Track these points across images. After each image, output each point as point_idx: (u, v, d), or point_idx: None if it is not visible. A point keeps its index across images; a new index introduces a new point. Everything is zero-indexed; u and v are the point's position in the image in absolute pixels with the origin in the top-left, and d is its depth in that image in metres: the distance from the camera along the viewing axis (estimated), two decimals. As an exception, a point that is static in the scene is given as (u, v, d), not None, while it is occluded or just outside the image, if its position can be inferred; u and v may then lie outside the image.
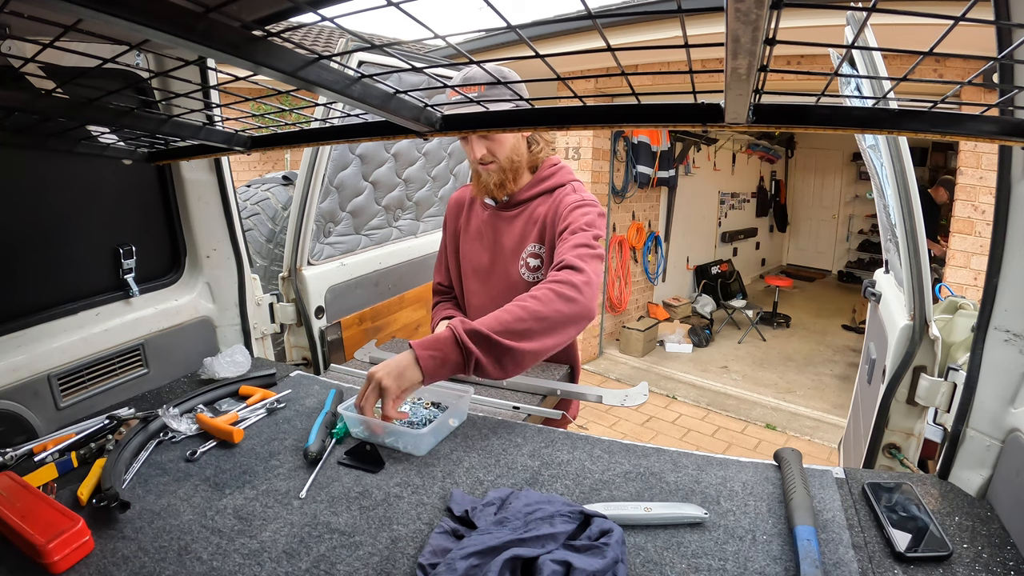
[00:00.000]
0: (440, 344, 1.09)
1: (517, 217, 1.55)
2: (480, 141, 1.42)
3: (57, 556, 0.76)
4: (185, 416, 1.17)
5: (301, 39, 5.45)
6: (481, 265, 1.60)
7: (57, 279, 1.28)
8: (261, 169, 7.03)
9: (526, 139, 1.49)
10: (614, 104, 0.70)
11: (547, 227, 1.48)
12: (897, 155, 1.25)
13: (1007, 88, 0.77)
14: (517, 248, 1.54)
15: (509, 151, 1.45)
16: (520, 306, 1.18)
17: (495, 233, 1.57)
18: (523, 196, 1.53)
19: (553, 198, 1.49)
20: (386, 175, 2.16)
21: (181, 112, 0.99)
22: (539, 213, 1.50)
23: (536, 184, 1.53)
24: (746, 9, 0.39)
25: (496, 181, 1.48)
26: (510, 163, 1.47)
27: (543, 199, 1.51)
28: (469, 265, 1.64)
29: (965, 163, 3.45)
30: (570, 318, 1.20)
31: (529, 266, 1.52)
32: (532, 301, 1.19)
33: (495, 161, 1.45)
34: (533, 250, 1.52)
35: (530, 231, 1.52)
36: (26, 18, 0.60)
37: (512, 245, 1.54)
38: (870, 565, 0.76)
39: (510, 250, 1.55)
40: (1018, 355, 0.87)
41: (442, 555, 0.74)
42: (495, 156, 1.44)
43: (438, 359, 1.08)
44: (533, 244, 1.52)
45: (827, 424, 4.14)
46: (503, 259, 1.56)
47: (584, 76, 1.33)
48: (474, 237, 1.62)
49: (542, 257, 1.52)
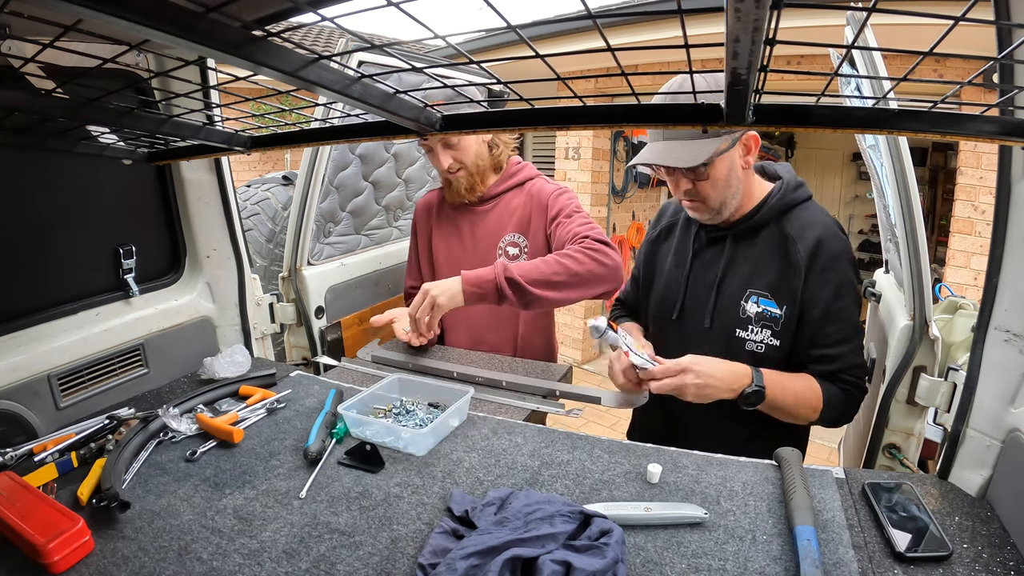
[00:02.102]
0: (483, 283, 1.37)
1: (491, 211, 1.67)
2: (445, 152, 1.57)
3: (57, 556, 0.76)
4: (185, 416, 1.17)
5: (301, 39, 5.45)
6: (456, 257, 1.70)
7: (57, 279, 1.28)
8: (261, 169, 7.04)
9: (487, 143, 1.62)
10: (614, 104, 0.70)
11: (529, 216, 1.62)
12: (897, 155, 1.25)
13: (1007, 88, 0.77)
14: (494, 238, 1.65)
15: (474, 156, 1.59)
16: (558, 261, 1.39)
17: (471, 227, 1.69)
18: (495, 191, 1.66)
19: (525, 190, 1.64)
20: (386, 175, 2.16)
21: (181, 112, 0.99)
22: (514, 205, 1.64)
23: (506, 180, 1.67)
24: (746, 9, 0.39)
25: (467, 185, 1.62)
26: (476, 167, 1.61)
27: (515, 192, 1.66)
28: (443, 259, 1.73)
29: (965, 163, 3.45)
30: (602, 277, 1.42)
31: (508, 254, 1.63)
32: (569, 259, 1.39)
33: (463, 168, 1.59)
34: (512, 239, 1.64)
35: (507, 222, 1.65)
36: (26, 18, 0.60)
37: (488, 236, 1.66)
38: (870, 565, 0.76)
39: (487, 241, 1.66)
40: (1018, 355, 0.87)
41: (442, 555, 0.74)
42: (462, 163, 1.58)
43: (478, 294, 1.38)
44: (512, 234, 1.64)
45: (827, 424, 4.13)
46: (480, 249, 1.67)
47: (584, 76, 1.33)
48: (448, 233, 1.73)
49: (521, 245, 1.63)
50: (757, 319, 1.20)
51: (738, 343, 1.22)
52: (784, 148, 9.08)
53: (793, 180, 1.25)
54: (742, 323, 1.21)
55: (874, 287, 1.76)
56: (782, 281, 1.17)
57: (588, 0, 0.45)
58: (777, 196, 1.21)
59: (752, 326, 1.21)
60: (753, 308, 1.20)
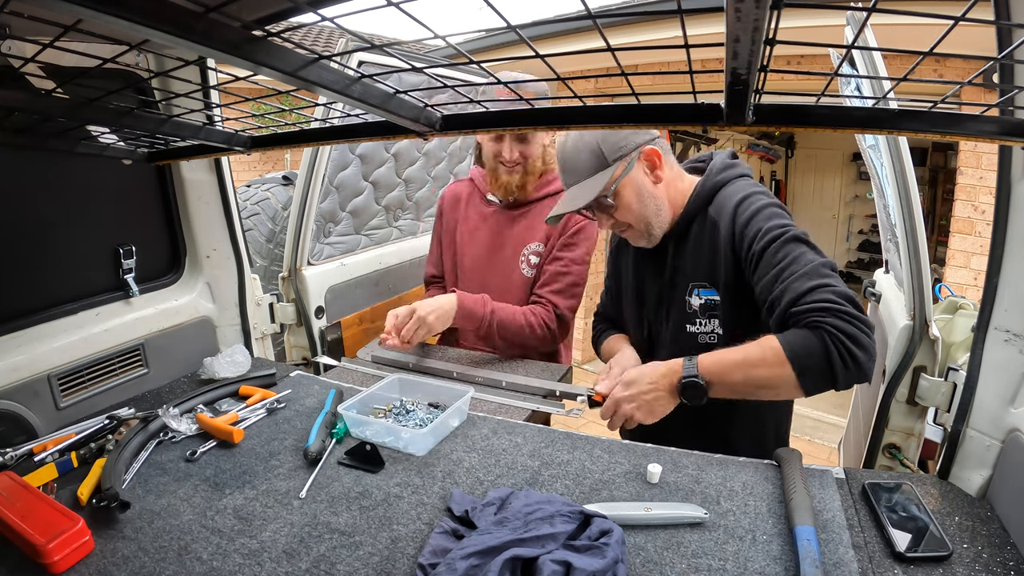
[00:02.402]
0: (473, 319, 1.51)
1: (523, 216, 1.64)
2: (515, 144, 1.54)
3: (57, 556, 0.76)
4: (185, 416, 1.17)
5: (301, 39, 5.45)
6: (480, 258, 1.68)
7: (57, 279, 1.28)
8: (261, 169, 7.03)
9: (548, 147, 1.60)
10: (614, 104, 0.70)
11: (551, 233, 1.60)
12: (897, 155, 1.25)
13: (1007, 88, 0.77)
14: (520, 245, 1.63)
15: (538, 156, 1.57)
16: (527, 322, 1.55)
17: (499, 229, 1.66)
18: (531, 197, 1.63)
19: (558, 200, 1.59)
20: (386, 175, 2.16)
21: (181, 112, 0.99)
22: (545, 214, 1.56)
23: (544, 187, 1.64)
24: (746, 9, 0.39)
25: (519, 183, 1.59)
26: (535, 168, 1.58)
27: (550, 201, 1.61)
28: (467, 258, 1.71)
29: (965, 163, 3.45)
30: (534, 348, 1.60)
31: (530, 263, 1.62)
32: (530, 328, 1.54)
33: (522, 164, 1.55)
34: (535, 248, 1.62)
35: (535, 232, 1.62)
36: (26, 18, 0.60)
37: (515, 242, 1.63)
38: (870, 565, 0.76)
39: (512, 247, 1.63)
40: (1018, 355, 0.87)
41: (442, 555, 0.74)
42: (526, 159, 1.55)
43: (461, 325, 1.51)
44: (537, 243, 1.62)
45: (827, 424, 4.14)
46: (504, 255, 1.64)
47: (584, 76, 1.33)
48: (473, 231, 1.70)
49: (541, 254, 1.62)
50: (703, 310, 1.20)
51: (689, 338, 1.22)
52: (784, 148, 9.07)
53: (720, 164, 1.24)
54: (689, 318, 1.22)
55: (874, 287, 1.76)
56: (713, 266, 1.17)
57: (588, 0, 0.45)
58: (699, 185, 1.22)
59: (699, 318, 1.21)
60: (697, 301, 1.20)
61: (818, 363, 0.94)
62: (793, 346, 0.95)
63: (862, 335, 0.93)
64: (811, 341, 0.94)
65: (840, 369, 0.93)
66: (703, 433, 1.18)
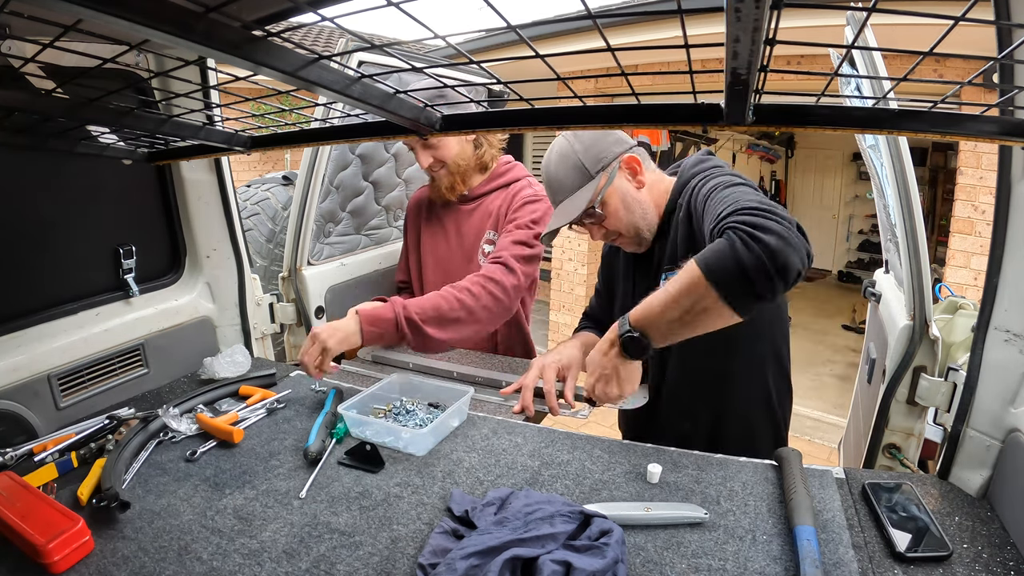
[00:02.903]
0: (382, 323, 1.35)
1: (475, 210, 1.69)
2: (425, 151, 1.57)
3: (57, 556, 0.76)
4: (185, 416, 1.17)
5: (301, 39, 5.45)
6: (443, 255, 1.73)
7: (57, 279, 1.28)
8: (261, 169, 7.03)
9: (472, 142, 1.63)
10: (614, 104, 0.70)
11: (500, 217, 1.64)
12: (897, 155, 1.25)
13: (1007, 88, 0.77)
14: (476, 238, 1.68)
15: (455, 156, 1.60)
16: (455, 296, 1.42)
17: (456, 225, 1.71)
18: (480, 191, 1.68)
19: (509, 191, 1.65)
20: (386, 175, 2.16)
21: (181, 112, 0.99)
22: (494, 205, 1.65)
23: (491, 180, 1.69)
24: (746, 9, 0.39)
25: (447, 185, 1.64)
26: (457, 167, 1.62)
27: (499, 193, 1.67)
28: (431, 256, 1.76)
29: (965, 163, 3.45)
30: (494, 315, 1.47)
31: (485, 253, 1.65)
32: (466, 294, 1.42)
33: (443, 166, 1.60)
34: (489, 236, 1.67)
35: (486, 222, 1.67)
36: (26, 18, 0.60)
37: (472, 235, 1.69)
38: (870, 565, 0.76)
39: (470, 240, 1.69)
40: (1018, 355, 0.87)
41: (442, 555, 0.74)
42: (443, 162, 1.59)
43: (376, 334, 1.35)
44: (490, 232, 1.67)
45: (827, 424, 4.14)
46: (463, 248, 1.69)
47: (584, 76, 1.33)
48: (435, 230, 1.76)
49: (495, 241, 1.66)
50: None
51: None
52: (784, 148, 9.08)
53: (693, 159, 1.27)
54: None
55: (874, 287, 1.76)
56: (687, 249, 1.15)
57: (588, 0, 0.45)
58: (676, 182, 1.25)
59: None
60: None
61: (728, 263, 0.83)
62: (705, 258, 0.86)
63: (770, 221, 0.83)
64: (719, 245, 0.86)
65: (746, 258, 0.81)
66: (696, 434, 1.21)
